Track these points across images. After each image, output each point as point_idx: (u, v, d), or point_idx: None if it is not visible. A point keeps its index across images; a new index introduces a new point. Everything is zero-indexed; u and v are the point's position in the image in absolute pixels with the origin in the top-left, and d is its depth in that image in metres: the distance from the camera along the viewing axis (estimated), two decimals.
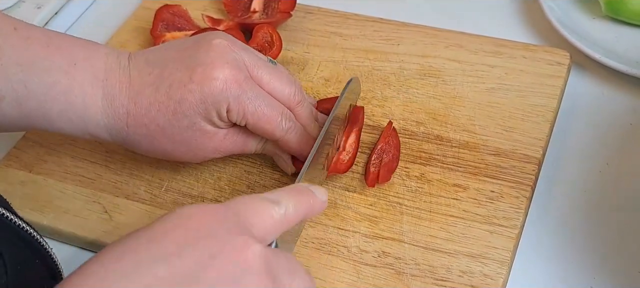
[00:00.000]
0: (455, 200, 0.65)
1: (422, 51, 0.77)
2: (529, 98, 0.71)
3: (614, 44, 0.77)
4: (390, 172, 0.67)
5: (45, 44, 0.63)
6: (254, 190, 0.68)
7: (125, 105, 0.63)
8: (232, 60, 0.63)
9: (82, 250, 0.69)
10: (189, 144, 0.64)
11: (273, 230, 0.50)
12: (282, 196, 0.51)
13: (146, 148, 0.65)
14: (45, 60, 0.62)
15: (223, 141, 0.65)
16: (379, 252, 0.63)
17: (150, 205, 0.69)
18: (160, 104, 0.62)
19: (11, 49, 0.62)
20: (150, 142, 0.64)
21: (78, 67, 0.63)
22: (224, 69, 0.62)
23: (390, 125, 0.69)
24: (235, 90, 0.62)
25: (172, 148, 0.65)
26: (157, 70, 0.63)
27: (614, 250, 0.63)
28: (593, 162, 0.69)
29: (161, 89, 0.62)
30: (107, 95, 0.63)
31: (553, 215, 0.66)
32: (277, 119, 0.64)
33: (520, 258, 0.63)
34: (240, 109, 0.62)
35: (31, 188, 0.72)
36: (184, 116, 0.62)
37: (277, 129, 0.64)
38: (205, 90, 0.61)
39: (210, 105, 0.62)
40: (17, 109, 0.62)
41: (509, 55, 0.75)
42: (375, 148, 0.68)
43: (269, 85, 0.65)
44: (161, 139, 0.64)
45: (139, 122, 0.63)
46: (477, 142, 0.68)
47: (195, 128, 0.63)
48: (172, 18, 0.81)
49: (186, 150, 0.65)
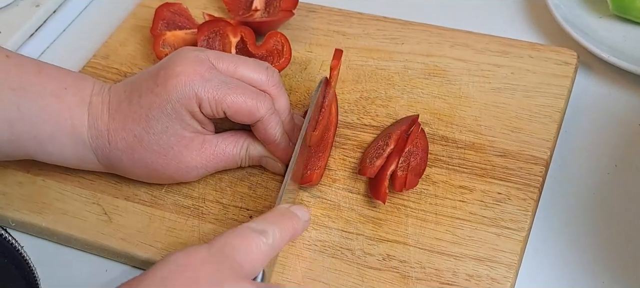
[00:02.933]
0: (462, 202, 0.64)
1: (427, 50, 0.76)
2: (535, 98, 0.70)
3: (621, 43, 0.76)
4: (418, 176, 0.65)
5: (36, 71, 0.65)
6: (255, 192, 0.67)
7: (106, 122, 0.65)
8: (193, 57, 0.63)
9: (81, 252, 0.68)
10: (167, 154, 0.64)
11: (262, 261, 0.54)
12: (267, 225, 0.55)
13: (128, 163, 0.65)
14: (38, 86, 0.64)
15: (201, 150, 0.65)
16: (384, 255, 0.62)
17: (151, 207, 0.68)
18: (134, 113, 0.64)
19: (4, 74, 0.64)
20: (130, 156, 0.65)
21: (68, 91, 0.65)
22: (184, 65, 0.63)
23: (419, 126, 0.68)
24: (199, 82, 0.62)
25: (151, 160, 0.65)
26: (130, 86, 0.65)
27: (622, 253, 0.62)
28: (601, 163, 0.68)
29: (133, 100, 0.64)
30: (92, 115, 0.65)
31: (560, 217, 0.65)
32: (252, 99, 0.63)
33: (527, 261, 0.62)
34: (210, 98, 0.62)
35: (30, 189, 0.71)
36: (156, 121, 0.63)
37: (256, 110, 0.63)
38: (169, 89, 0.62)
39: (176, 103, 0.62)
40: (9, 131, 0.63)
41: (516, 55, 0.74)
42: (403, 151, 0.66)
43: (236, 73, 0.65)
44: (139, 150, 0.64)
45: (118, 136, 0.64)
46: (483, 143, 0.67)
47: (169, 133, 0.63)
48: (173, 16, 0.80)
49: (165, 163, 0.65)
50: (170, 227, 0.66)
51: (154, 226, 0.66)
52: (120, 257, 0.66)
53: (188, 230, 0.65)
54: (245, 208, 0.66)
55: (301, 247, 0.63)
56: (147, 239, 0.66)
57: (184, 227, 0.66)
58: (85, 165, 0.67)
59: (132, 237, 0.66)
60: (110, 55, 0.81)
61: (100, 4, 0.92)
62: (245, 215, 0.66)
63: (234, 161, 0.67)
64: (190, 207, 0.67)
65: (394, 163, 0.65)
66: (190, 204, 0.67)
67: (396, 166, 0.65)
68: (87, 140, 0.65)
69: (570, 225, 0.64)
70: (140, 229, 0.66)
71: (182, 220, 0.66)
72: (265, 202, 0.67)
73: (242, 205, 0.67)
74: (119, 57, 0.81)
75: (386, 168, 0.65)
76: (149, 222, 0.67)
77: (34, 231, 0.69)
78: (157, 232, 0.66)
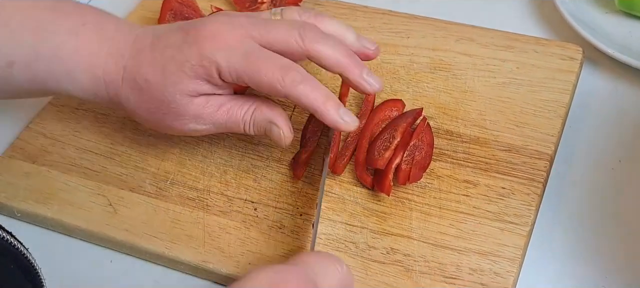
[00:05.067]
0: (466, 197, 0.64)
1: (433, 44, 0.76)
2: (540, 93, 0.70)
3: (627, 38, 0.76)
4: (423, 170, 0.65)
5: (51, 8, 0.66)
6: (260, 184, 0.67)
7: (125, 60, 0.64)
8: (226, 22, 0.62)
9: (86, 243, 0.68)
10: (170, 104, 0.63)
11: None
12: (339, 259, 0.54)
13: (133, 104, 0.65)
14: (53, 24, 0.65)
15: (206, 106, 0.63)
16: (388, 249, 0.62)
17: (156, 199, 0.68)
18: (153, 60, 0.63)
19: (20, 14, 0.64)
20: (138, 97, 0.64)
21: (87, 28, 0.65)
22: (214, 30, 0.62)
23: (425, 120, 0.68)
24: (224, 49, 0.60)
25: (155, 107, 0.64)
26: (158, 33, 0.65)
27: (626, 249, 0.62)
28: (605, 159, 0.68)
29: (157, 48, 0.64)
30: (112, 52, 0.65)
31: (564, 212, 0.65)
32: (274, 72, 0.60)
33: (530, 256, 0.62)
34: (231, 68, 0.60)
35: (35, 180, 0.71)
36: (170, 73, 0.62)
37: (277, 83, 0.60)
38: (193, 50, 0.61)
39: (196, 65, 0.61)
40: (27, 72, 0.65)
41: (521, 50, 0.74)
42: (408, 144, 0.66)
43: (270, 38, 0.62)
44: (146, 95, 0.64)
45: (131, 76, 0.64)
46: (487, 138, 0.68)
47: (179, 87, 0.62)
48: (180, 7, 0.81)
49: (166, 111, 0.64)
50: (175, 219, 0.66)
51: (158, 218, 0.67)
52: (125, 249, 0.67)
53: (193, 222, 0.66)
54: (250, 201, 0.67)
55: (305, 240, 0.63)
56: (152, 231, 0.66)
57: (189, 219, 0.66)
58: (97, 100, 0.67)
59: (137, 228, 0.66)
60: None
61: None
62: (250, 208, 0.66)
63: (236, 123, 0.64)
64: (195, 199, 0.67)
65: (399, 156, 0.65)
66: (195, 196, 0.67)
67: (401, 159, 0.65)
68: (102, 75, 0.65)
69: (574, 220, 0.64)
70: (145, 221, 0.67)
71: (186, 211, 0.67)
72: (269, 195, 0.67)
73: (247, 197, 0.67)
74: None
75: (391, 161, 0.65)
76: (154, 214, 0.67)
77: (39, 222, 0.69)
78: (162, 224, 0.66)
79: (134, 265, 0.66)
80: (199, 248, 0.64)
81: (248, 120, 0.64)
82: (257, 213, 0.66)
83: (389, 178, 0.64)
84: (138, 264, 0.66)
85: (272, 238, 0.64)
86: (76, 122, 0.75)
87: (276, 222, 0.65)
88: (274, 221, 0.65)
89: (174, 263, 0.65)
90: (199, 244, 0.64)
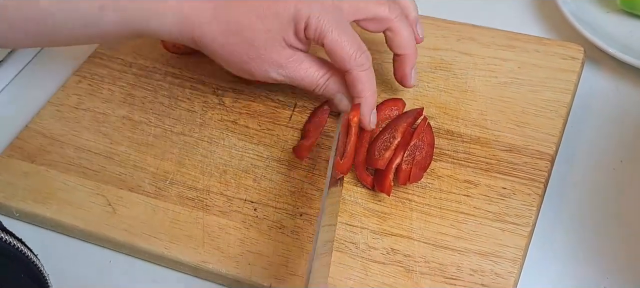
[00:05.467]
0: (466, 197, 0.64)
1: (433, 44, 0.76)
2: (542, 93, 0.70)
3: (628, 38, 0.76)
4: (423, 170, 0.65)
5: None
6: (260, 184, 0.67)
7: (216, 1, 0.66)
8: None
9: (85, 243, 0.68)
10: (258, 49, 0.66)
11: None
12: None
13: (218, 45, 0.67)
14: None
15: (288, 59, 0.67)
16: (388, 249, 0.61)
17: (155, 199, 0.68)
18: (248, 4, 0.65)
19: None
20: (225, 39, 0.66)
21: None
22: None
23: (425, 120, 0.68)
24: (317, 8, 0.64)
25: (240, 51, 0.66)
26: None
27: (627, 249, 0.62)
28: (606, 159, 0.68)
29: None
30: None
31: (565, 212, 0.65)
32: (351, 46, 0.65)
33: (532, 256, 0.62)
34: (317, 26, 0.64)
35: (34, 179, 0.71)
36: (264, 18, 0.65)
37: (349, 58, 0.65)
38: (289, 2, 0.64)
39: (290, 16, 0.64)
40: (116, 14, 0.66)
41: (522, 49, 0.74)
42: (408, 144, 0.66)
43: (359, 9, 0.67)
44: (234, 38, 0.66)
45: (223, 18, 0.66)
46: (488, 138, 0.67)
47: (269, 35, 0.65)
48: None
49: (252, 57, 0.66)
50: (174, 219, 0.66)
51: (158, 218, 0.66)
52: (124, 249, 0.66)
53: (192, 222, 0.65)
54: (250, 201, 0.66)
55: (305, 240, 0.63)
56: (151, 231, 0.65)
57: (188, 219, 0.66)
58: (180, 38, 0.68)
59: (136, 228, 0.66)
60: (115, 45, 0.81)
61: None
62: (250, 208, 0.66)
63: (311, 82, 0.68)
64: (194, 199, 0.67)
65: (400, 156, 0.65)
66: (195, 196, 0.67)
67: (401, 159, 0.65)
68: (190, 13, 0.66)
69: (575, 220, 0.64)
70: (144, 221, 0.66)
71: (186, 211, 0.66)
72: (269, 195, 0.66)
73: (247, 197, 0.67)
74: (125, 47, 0.81)
75: (392, 161, 0.64)
76: (153, 214, 0.67)
77: (38, 221, 0.69)
78: (161, 224, 0.66)
79: (133, 265, 0.66)
80: (198, 249, 0.64)
81: (322, 83, 0.68)
82: (257, 213, 0.65)
83: (389, 178, 0.64)
84: (137, 264, 0.66)
85: (272, 238, 0.64)
86: (75, 122, 0.75)
87: (276, 222, 0.65)
88: (273, 221, 0.65)
89: (173, 264, 0.65)
90: (198, 244, 0.64)
